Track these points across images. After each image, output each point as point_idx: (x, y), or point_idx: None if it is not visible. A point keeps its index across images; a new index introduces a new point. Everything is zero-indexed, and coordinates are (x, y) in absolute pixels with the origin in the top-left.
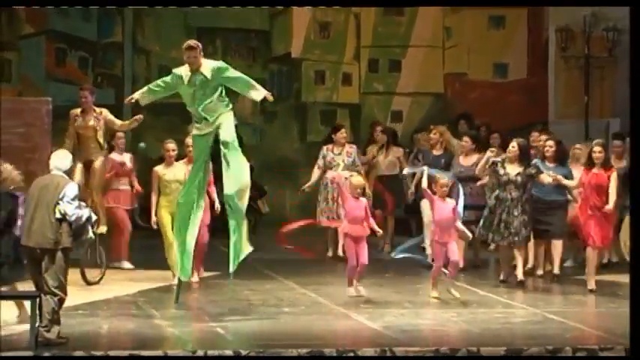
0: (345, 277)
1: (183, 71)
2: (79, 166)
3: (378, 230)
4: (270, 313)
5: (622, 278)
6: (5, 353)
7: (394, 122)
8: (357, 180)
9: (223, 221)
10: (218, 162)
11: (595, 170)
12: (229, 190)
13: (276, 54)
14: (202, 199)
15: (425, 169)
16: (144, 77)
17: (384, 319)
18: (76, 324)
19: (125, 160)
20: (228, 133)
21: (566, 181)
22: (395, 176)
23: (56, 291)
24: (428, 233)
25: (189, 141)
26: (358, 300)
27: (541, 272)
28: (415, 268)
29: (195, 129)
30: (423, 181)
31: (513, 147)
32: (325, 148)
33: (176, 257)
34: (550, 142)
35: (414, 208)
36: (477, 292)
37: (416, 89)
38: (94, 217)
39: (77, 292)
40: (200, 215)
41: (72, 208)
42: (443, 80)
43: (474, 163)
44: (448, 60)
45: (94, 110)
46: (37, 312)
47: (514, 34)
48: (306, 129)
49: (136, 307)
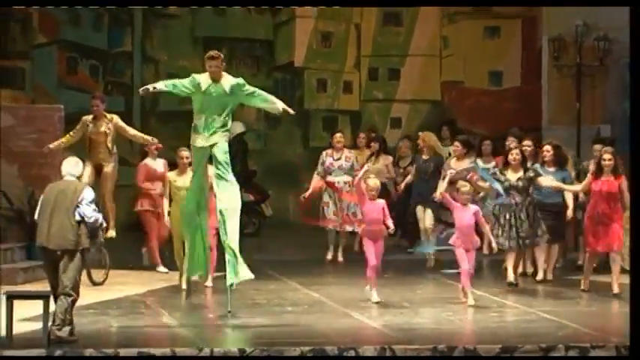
0: (344, 278)
1: (203, 79)
2: (89, 168)
3: (392, 227)
4: (274, 312)
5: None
6: (18, 351)
7: (393, 128)
8: (373, 182)
9: None
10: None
11: (604, 177)
12: (224, 204)
13: (279, 63)
14: (205, 202)
15: (448, 173)
16: None
17: (383, 318)
18: (87, 322)
19: (159, 165)
20: (222, 153)
21: (571, 187)
22: (382, 183)
23: (71, 292)
24: (425, 238)
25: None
26: (358, 299)
27: (541, 276)
28: (413, 269)
29: (194, 137)
30: (441, 186)
31: (517, 154)
32: (325, 153)
33: (184, 259)
34: (547, 147)
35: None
36: (473, 292)
37: (414, 97)
38: (104, 222)
39: (88, 292)
40: (206, 216)
41: (90, 211)
42: (440, 88)
43: (465, 168)
44: (445, 68)
45: (105, 117)
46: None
47: (508, 44)
48: (308, 135)
49: (145, 307)
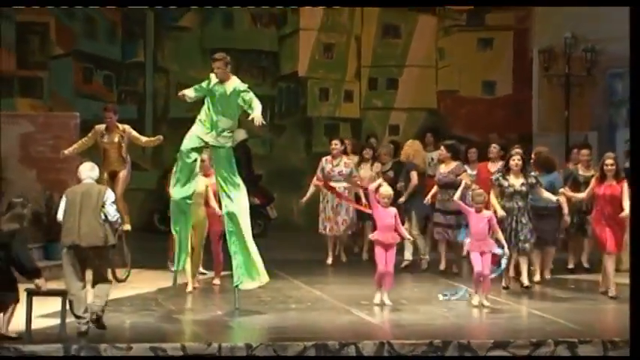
0: (345, 277)
1: (213, 78)
2: (104, 176)
3: (407, 237)
4: (279, 309)
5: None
6: (36, 346)
7: (392, 135)
8: (386, 190)
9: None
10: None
11: (607, 182)
12: (232, 207)
13: (284, 73)
14: (192, 195)
15: (463, 182)
16: (163, 94)
17: (382, 315)
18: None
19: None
20: (228, 157)
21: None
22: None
23: (106, 281)
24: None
25: (204, 156)
26: (359, 297)
27: (538, 278)
28: (410, 270)
29: (197, 127)
30: (457, 192)
31: (519, 160)
32: (325, 159)
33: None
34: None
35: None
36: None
37: (411, 105)
38: (120, 220)
39: None
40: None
41: (113, 210)
42: (436, 97)
43: (451, 171)
44: (441, 78)
45: (117, 127)
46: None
47: (501, 55)
48: (311, 141)
49: (156, 304)
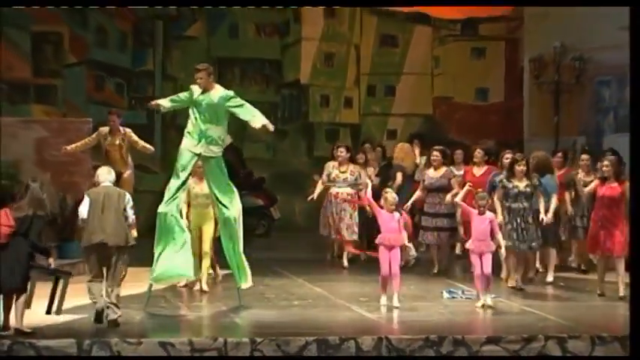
0: (345, 275)
1: (196, 89)
2: None
3: (408, 245)
4: (281, 306)
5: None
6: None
7: (390, 140)
8: (392, 196)
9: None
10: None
11: (608, 184)
12: (230, 212)
13: (287, 80)
14: (180, 208)
15: (467, 186)
16: None
17: (380, 311)
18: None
19: None
20: (221, 164)
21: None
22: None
23: (120, 282)
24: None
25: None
26: (358, 295)
27: (532, 275)
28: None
29: (185, 141)
30: (459, 195)
31: (524, 165)
32: (331, 165)
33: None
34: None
35: None
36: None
37: (408, 111)
38: None
39: None
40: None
41: (132, 212)
42: (432, 103)
43: (443, 175)
44: (436, 85)
45: (120, 131)
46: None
47: (493, 64)
48: (313, 146)
49: (165, 301)
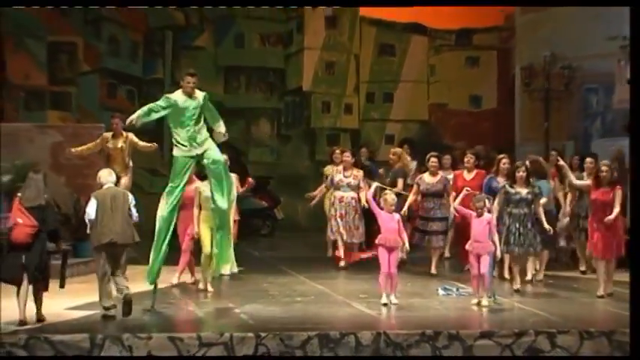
0: (345, 273)
1: (177, 96)
2: None
3: (406, 247)
4: (284, 302)
5: (576, 274)
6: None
7: (387, 144)
8: (391, 198)
9: (245, 224)
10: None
11: (602, 188)
12: (223, 203)
13: (289, 88)
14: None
15: (465, 190)
16: None
17: (379, 308)
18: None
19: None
20: (217, 152)
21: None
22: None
23: (125, 274)
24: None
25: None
26: (358, 292)
27: (529, 277)
28: (405, 267)
29: (178, 150)
30: (457, 199)
31: (524, 171)
32: (335, 169)
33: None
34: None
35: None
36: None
37: (405, 117)
38: None
39: None
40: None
41: (135, 212)
42: (427, 109)
43: (439, 181)
44: (432, 93)
45: (122, 134)
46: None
47: (486, 72)
48: (314, 150)
49: (174, 298)
